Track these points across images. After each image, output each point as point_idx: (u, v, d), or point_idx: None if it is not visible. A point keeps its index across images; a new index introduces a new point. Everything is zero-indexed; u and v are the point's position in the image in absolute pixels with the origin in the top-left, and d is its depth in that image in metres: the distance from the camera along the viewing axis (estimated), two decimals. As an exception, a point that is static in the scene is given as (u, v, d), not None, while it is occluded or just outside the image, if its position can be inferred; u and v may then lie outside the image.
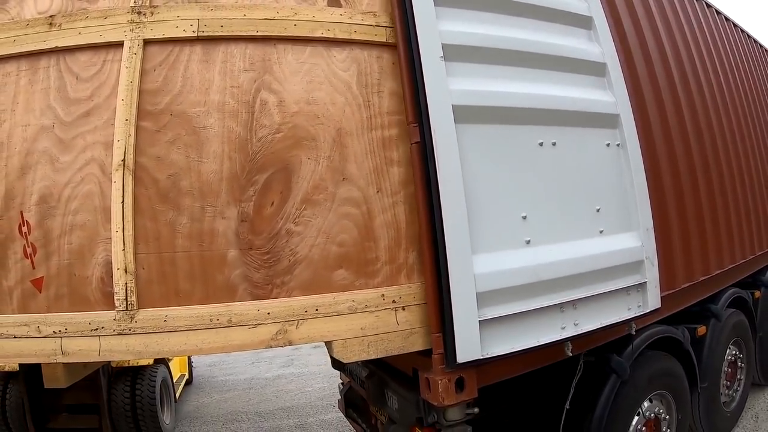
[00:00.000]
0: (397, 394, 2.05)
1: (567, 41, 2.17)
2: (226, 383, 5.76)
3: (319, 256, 1.69)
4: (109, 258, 1.60)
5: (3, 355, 1.62)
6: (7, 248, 1.64)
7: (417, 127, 1.71)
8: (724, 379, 3.43)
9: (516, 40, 1.99)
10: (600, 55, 2.27)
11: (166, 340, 1.59)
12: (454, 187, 1.69)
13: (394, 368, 2.18)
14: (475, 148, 1.77)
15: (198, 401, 5.17)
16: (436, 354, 1.71)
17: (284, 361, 6.47)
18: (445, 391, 1.71)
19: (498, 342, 1.77)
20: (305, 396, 5.13)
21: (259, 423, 4.47)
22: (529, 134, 1.92)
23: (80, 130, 1.66)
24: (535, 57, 2.03)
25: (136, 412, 3.86)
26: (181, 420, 4.60)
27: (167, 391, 4.31)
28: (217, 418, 4.66)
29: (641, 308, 2.23)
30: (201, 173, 1.65)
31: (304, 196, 1.70)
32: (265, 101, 1.70)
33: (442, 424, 1.85)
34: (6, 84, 1.71)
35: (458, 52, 1.82)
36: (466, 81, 1.81)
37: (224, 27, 1.71)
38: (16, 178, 1.66)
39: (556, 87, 2.05)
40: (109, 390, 3.83)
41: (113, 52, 1.69)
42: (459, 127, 1.73)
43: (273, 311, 1.64)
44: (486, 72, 1.88)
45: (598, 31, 2.30)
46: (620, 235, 2.17)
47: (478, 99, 1.81)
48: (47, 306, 1.62)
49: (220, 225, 1.64)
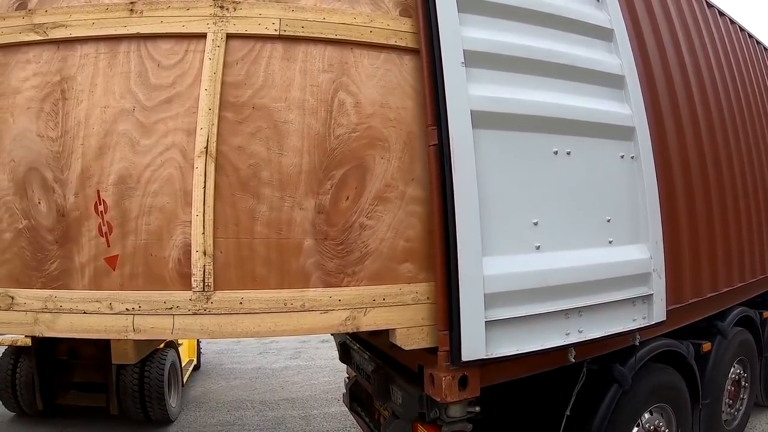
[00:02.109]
0: (401, 390, 2.10)
1: (587, 52, 2.20)
2: (233, 371, 5.83)
3: (388, 250, 1.78)
4: (187, 240, 1.65)
5: (71, 330, 1.66)
6: (81, 225, 1.69)
7: (435, 129, 1.76)
8: (726, 397, 3.42)
9: (536, 49, 2.02)
10: (619, 67, 2.29)
11: (240, 321, 1.65)
12: (468, 189, 1.73)
13: (401, 364, 2.22)
14: (491, 153, 1.81)
15: (205, 387, 5.24)
16: (441, 351, 1.75)
17: (292, 354, 6.52)
18: (449, 388, 1.76)
19: (503, 343, 1.81)
20: (311, 388, 5.19)
21: (263, 412, 4.53)
22: (544, 142, 1.96)
23: (161, 116, 1.72)
24: (554, 66, 2.06)
25: (144, 393, 3.93)
26: (187, 404, 4.67)
27: (175, 375, 4.38)
28: (222, 405, 4.72)
29: (646, 320, 2.25)
30: (281, 165, 1.72)
31: (377, 193, 1.79)
32: (342, 101, 1.79)
33: (444, 421, 1.89)
34: (84, 65, 1.76)
35: (479, 59, 1.86)
36: (486, 87, 1.85)
37: (305, 28, 1.78)
38: (93, 158, 1.71)
39: (574, 97, 2.08)
40: (118, 370, 3.91)
41: (195, 43, 1.75)
42: (476, 131, 1.78)
43: (344, 298, 1.72)
44: (505, 79, 1.92)
45: (618, 44, 2.32)
46: (629, 247, 2.19)
47: (496, 105, 1.86)
48: (120, 284, 1.67)
49: (297, 215, 1.71)
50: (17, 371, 3.98)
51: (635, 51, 2.45)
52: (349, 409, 3.21)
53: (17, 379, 3.98)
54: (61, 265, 1.70)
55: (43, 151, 1.74)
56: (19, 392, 3.99)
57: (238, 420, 4.35)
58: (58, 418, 4.07)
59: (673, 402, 2.78)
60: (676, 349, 2.78)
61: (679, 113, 2.86)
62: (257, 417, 4.41)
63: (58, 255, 1.70)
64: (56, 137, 1.74)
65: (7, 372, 3.99)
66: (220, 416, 4.45)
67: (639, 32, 2.65)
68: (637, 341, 2.38)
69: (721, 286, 3.17)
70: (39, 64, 1.79)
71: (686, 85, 3.01)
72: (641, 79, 2.41)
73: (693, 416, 2.97)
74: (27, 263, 1.72)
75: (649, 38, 2.73)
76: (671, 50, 2.94)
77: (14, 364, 3.99)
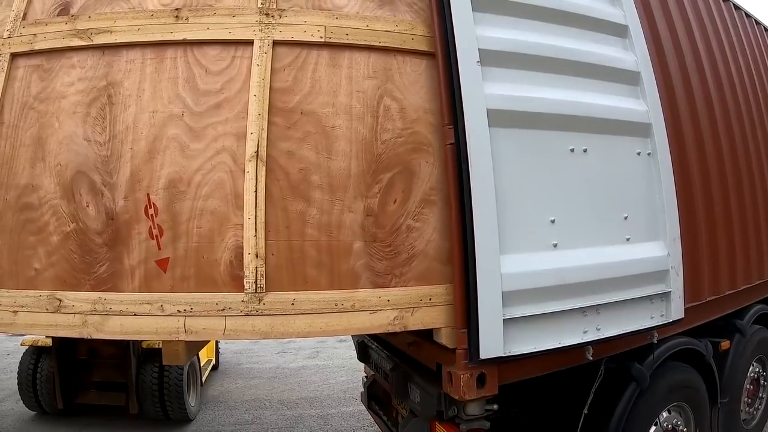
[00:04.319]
0: (419, 388, 2.11)
1: (601, 49, 2.19)
2: (251, 371, 5.85)
3: (433, 251, 1.81)
4: (239, 243, 1.68)
5: (121, 332, 1.68)
6: (131, 228, 1.72)
7: (452, 128, 1.77)
8: (745, 396, 3.37)
9: (551, 47, 2.02)
10: (634, 63, 2.27)
11: (292, 321, 1.68)
12: (485, 187, 1.74)
13: (419, 362, 2.23)
14: (507, 151, 1.81)
15: (223, 386, 5.26)
16: (459, 349, 1.76)
17: (310, 353, 6.52)
18: (467, 386, 1.76)
19: (521, 341, 1.81)
20: (328, 388, 5.19)
21: (281, 411, 4.55)
22: (561, 140, 1.95)
23: (211, 121, 1.75)
24: (569, 64, 2.05)
25: (163, 392, 3.97)
26: (206, 403, 4.70)
27: (194, 374, 4.41)
28: (240, 404, 4.75)
29: (664, 318, 2.23)
30: (330, 169, 1.75)
31: (423, 196, 1.82)
32: (387, 107, 1.83)
33: (462, 419, 1.89)
34: (131, 70, 1.79)
35: (495, 57, 1.87)
36: (502, 86, 1.85)
37: (349, 35, 1.82)
38: (142, 162, 1.73)
39: (590, 94, 2.07)
40: (138, 369, 3.95)
41: (242, 49, 1.78)
42: (493, 130, 1.78)
43: (392, 299, 1.76)
44: (521, 77, 1.92)
45: (633, 40, 2.30)
46: (646, 244, 2.18)
47: (512, 104, 1.86)
48: (171, 286, 1.69)
49: (347, 218, 1.75)
50: (38, 371, 4.05)
51: (650, 47, 2.43)
52: (367, 407, 3.21)
53: (38, 379, 4.05)
54: (111, 267, 1.72)
55: (91, 155, 1.76)
56: (39, 391, 4.06)
57: (257, 419, 4.38)
58: (77, 417, 4.13)
59: (691, 401, 2.75)
60: (694, 348, 2.75)
61: (696, 108, 2.83)
62: (275, 416, 4.44)
63: (108, 258, 1.73)
64: (104, 141, 1.77)
65: (28, 371, 4.06)
66: (239, 415, 4.48)
67: (654, 28, 2.63)
68: (655, 339, 2.37)
69: (740, 283, 3.13)
70: (84, 69, 1.82)
71: (702, 80, 2.97)
72: (657, 74, 2.39)
73: (711, 415, 2.94)
74: (75, 266, 1.74)
75: (664, 34, 2.70)
76: (686, 45, 2.91)
77: (35, 364, 4.06)
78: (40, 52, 1.87)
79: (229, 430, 4.15)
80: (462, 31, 1.82)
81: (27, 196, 1.80)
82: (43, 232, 1.77)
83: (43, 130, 1.82)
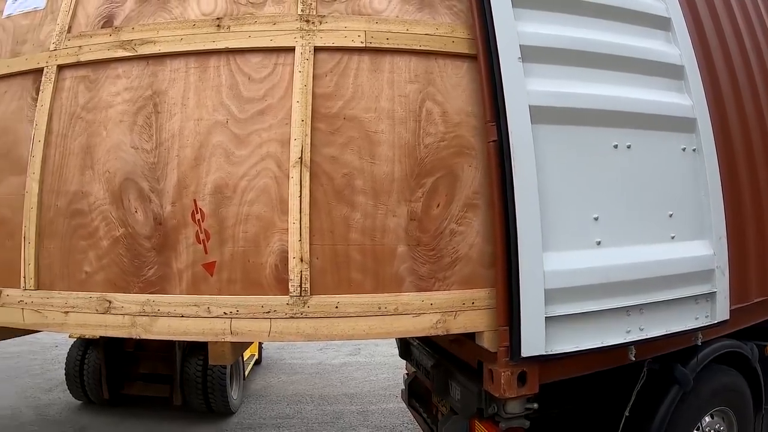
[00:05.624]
0: (460, 385, 2.11)
1: (644, 43, 2.14)
2: (293, 366, 5.89)
3: (477, 255, 1.81)
4: (284, 247, 1.71)
5: (169, 333, 1.74)
6: (179, 233, 1.77)
7: (494, 126, 1.76)
8: (792, 402, 3.23)
9: (592, 42, 1.99)
10: (678, 57, 2.22)
11: (336, 324, 1.71)
12: (528, 184, 1.73)
13: (460, 360, 2.23)
14: (550, 148, 1.80)
15: (265, 381, 5.33)
16: (501, 346, 1.76)
17: (351, 350, 6.50)
18: (507, 384, 1.76)
19: (562, 340, 1.80)
20: (369, 384, 5.19)
21: (322, 406, 4.58)
22: (604, 136, 1.92)
23: (255, 127, 1.78)
24: (611, 59, 2.02)
25: (207, 385, 4.04)
26: (248, 397, 4.77)
27: (237, 368, 4.48)
28: (282, 398, 4.81)
29: (709, 319, 2.18)
30: (374, 174, 1.77)
31: (466, 200, 1.82)
32: (430, 111, 1.82)
33: (502, 417, 1.89)
34: (175, 80, 1.84)
35: (536, 54, 1.85)
36: (544, 82, 1.84)
37: (390, 40, 1.83)
38: (189, 168, 1.78)
39: (633, 89, 2.03)
40: (182, 363, 4.05)
41: (284, 56, 1.80)
42: (535, 127, 1.77)
43: (435, 302, 1.76)
44: (563, 73, 1.90)
45: (676, 33, 2.25)
46: (692, 242, 2.12)
47: (554, 100, 1.84)
48: (218, 289, 1.73)
49: (391, 222, 1.76)
50: (85, 362, 4.21)
51: (694, 39, 2.35)
52: (407, 404, 3.21)
53: (85, 370, 4.21)
54: (159, 270, 1.78)
55: (139, 162, 1.82)
56: (86, 382, 4.22)
57: (297, 413, 4.43)
58: (122, 407, 4.26)
59: (735, 406, 2.65)
60: (739, 351, 2.66)
61: (742, 103, 2.72)
62: (316, 411, 4.47)
63: (156, 261, 1.78)
64: (151, 149, 1.82)
65: (76, 362, 4.23)
66: (280, 409, 4.54)
67: (697, 20, 2.54)
68: (699, 341, 2.30)
69: (790, 285, 2.99)
70: (129, 79, 1.88)
71: (749, 72, 2.86)
72: (701, 68, 2.32)
73: (755, 421, 2.83)
74: (125, 269, 1.80)
75: (708, 25, 2.61)
76: (731, 37, 2.80)
77: (82, 356, 4.22)
78: (86, 64, 1.94)
79: (270, 423, 4.20)
80: (502, 27, 1.82)
81: (77, 203, 1.87)
82: (93, 236, 1.84)
83: (91, 139, 1.88)
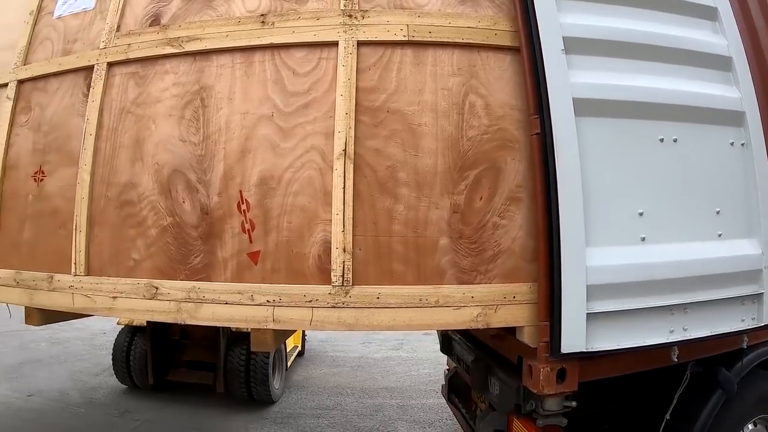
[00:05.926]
0: (499, 381, 2.09)
1: (690, 33, 2.07)
2: (335, 359, 5.93)
3: (519, 249, 1.80)
4: (327, 238, 1.74)
5: (213, 319, 1.79)
6: (225, 223, 1.82)
7: (538, 118, 1.73)
8: (842, 413, 3.07)
9: (637, 33, 1.94)
10: (725, 48, 2.14)
11: (377, 315, 1.73)
12: (571, 178, 1.70)
13: (500, 355, 2.22)
14: (594, 141, 1.76)
15: (307, 373, 5.40)
16: (541, 342, 1.73)
17: (394, 345, 6.52)
18: (546, 380, 1.73)
19: (603, 337, 1.76)
20: (410, 379, 5.20)
21: (362, 399, 4.61)
22: (649, 129, 1.87)
23: (300, 120, 1.82)
24: (656, 50, 1.96)
25: (249, 374, 4.13)
26: (290, 387, 4.84)
27: (280, 359, 4.56)
28: (323, 390, 4.87)
29: (755, 321, 2.09)
30: (417, 166, 1.77)
31: (509, 193, 1.81)
32: (473, 104, 1.82)
33: (539, 413, 1.86)
34: (221, 75, 1.89)
35: (580, 45, 1.82)
36: (587, 74, 1.80)
37: (432, 33, 1.83)
38: (235, 160, 1.83)
39: (679, 81, 1.97)
40: (227, 351, 4.14)
41: (327, 51, 1.84)
42: (579, 119, 1.73)
43: (476, 295, 1.76)
44: (607, 65, 1.85)
45: (723, 23, 2.17)
46: (739, 241, 2.04)
47: (598, 92, 1.80)
48: (262, 277, 1.77)
49: (433, 214, 1.77)
50: (132, 349, 4.37)
51: (742, 30, 2.26)
52: (447, 400, 3.22)
53: (131, 356, 4.37)
54: (205, 259, 1.83)
55: (186, 154, 1.89)
56: (132, 367, 4.38)
57: (338, 405, 4.47)
58: (166, 393, 4.39)
59: (781, 414, 2.54)
60: (787, 356, 2.54)
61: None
62: (356, 403, 4.51)
63: (202, 250, 1.84)
64: (198, 142, 1.88)
65: (123, 349, 4.39)
66: (320, 400, 4.59)
67: (745, 8, 2.44)
68: (745, 344, 2.21)
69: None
70: (177, 74, 1.95)
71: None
72: (750, 59, 2.22)
73: (802, 431, 2.70)
74: (172, 257, 1.87)
75: (756, 15, 2.50)
76: (781, 28, 2.68)
77: (129, 342, 4.38)
78: (135, 61, 2.01)
79: (310, 413, 4.25)
80: (545, 19, 1.79)
81: (127, 193, 1.95)
82: (142, 225, 1.91)
83: (140, 132, 1.96)
